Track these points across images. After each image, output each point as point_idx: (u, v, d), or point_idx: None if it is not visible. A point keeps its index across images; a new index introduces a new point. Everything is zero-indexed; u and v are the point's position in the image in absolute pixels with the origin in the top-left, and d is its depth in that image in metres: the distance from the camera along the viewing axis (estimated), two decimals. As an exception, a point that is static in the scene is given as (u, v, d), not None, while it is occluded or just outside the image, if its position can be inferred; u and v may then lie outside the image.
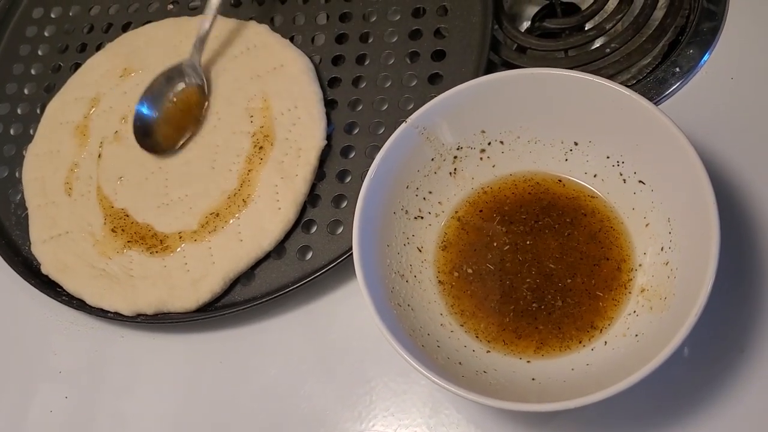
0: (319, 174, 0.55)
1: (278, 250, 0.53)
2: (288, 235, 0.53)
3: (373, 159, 0.45)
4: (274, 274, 0.53)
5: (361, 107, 0.56)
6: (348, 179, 0.54)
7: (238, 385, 0.51)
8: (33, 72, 0.67)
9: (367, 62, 0.57)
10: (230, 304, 0.53)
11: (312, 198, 0.54)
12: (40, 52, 0.68)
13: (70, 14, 0.69)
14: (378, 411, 0.48)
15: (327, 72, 0.58)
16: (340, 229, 0.53)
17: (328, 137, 0.55)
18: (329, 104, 0.56)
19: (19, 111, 0.66)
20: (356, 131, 0.55)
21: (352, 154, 0.55)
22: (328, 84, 0.57)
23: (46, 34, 0.69)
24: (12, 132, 0.65)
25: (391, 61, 0.57)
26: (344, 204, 0.53)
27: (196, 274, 0.52)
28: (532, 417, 0.46)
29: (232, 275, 0.52)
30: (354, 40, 0.58)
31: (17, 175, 0.62)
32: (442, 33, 0.56)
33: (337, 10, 0.60)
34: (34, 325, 0.58)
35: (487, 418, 0.47)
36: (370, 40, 0.58)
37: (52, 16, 0.69)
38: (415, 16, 0.57)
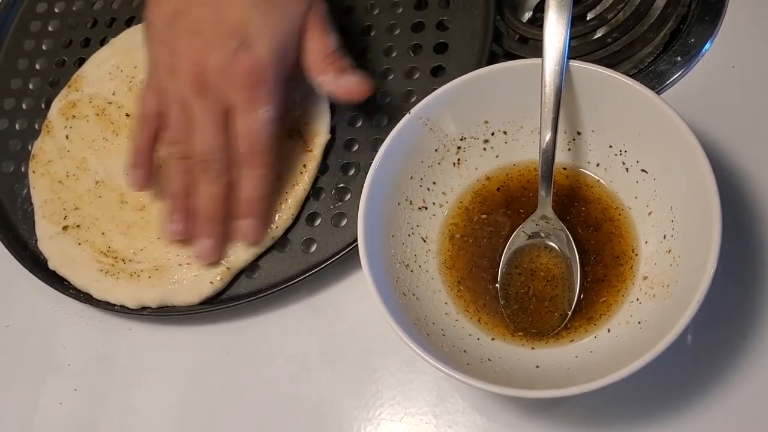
0: (323, 167, 0.55)
1: (283, 242, 0.53)
2: (292, 227, 0.54)
3: (377, 151, 0.46)
4: (278, 266, 0.53)
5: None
6: (351, 172, 0.55)
7: (245, 375, 0.52)
8: (37, 67, 0.67)
9: (369, 55, 0.57)
10: (235, 297, 0.53)
11: (315, 191, 0.54)
12: (44, 47, 0.68)
13: (74, 9, 0.69)
14: (384, 400, 0.49)
15: None
16: (344, 222, 0.53)
17: (332, 130, 0.55)
18: None
19: (24, 106, 0.66)
20: (359, 124, 0.55)
21: (356, 147, 0.55)
22: None
23: (50, 29, 0.69)
24: (17, 127, 0.65)
25: (394, 54, 0.57)
26: (348, 197, 0.54)
27: (199, 269, 0.53)
28: (536, 404, 0.46)
29: (233, 270, 0.53)
30: (356, 33, 0.58)
31: (23, 169, 0.62)
32: (444, 25, 0.56)
33: (340, 3, 0.60)
34: (43, 318, 0.58)
35: (491, 405, 0.47)
36: (373, 33, 0.58)
37: (56, 11, 0.69)
38: (418, 9, 0.57)
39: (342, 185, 0.54)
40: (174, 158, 0.51)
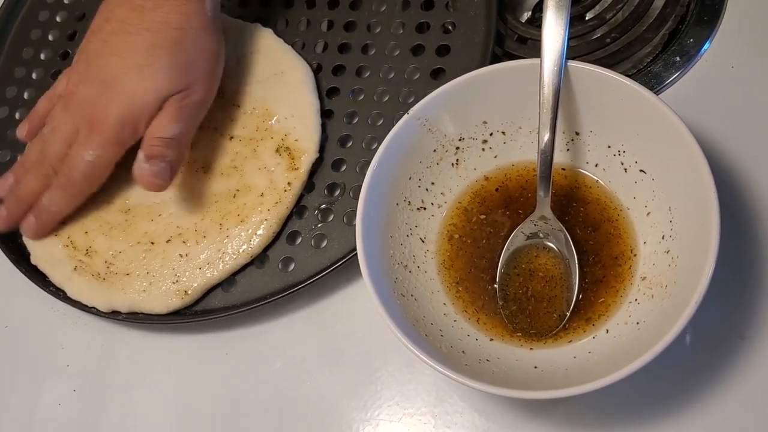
0: (308, 185, 0.54)
1: (261, 259, 0.53)
2: (272, 244, 0.53)
3: (365, 175, 0.45)
4: (256, 282, 0.53)
5: (357, 120, 0.55)
6: (337, 193, 0.54)
7: (244, 376, 0.52)
8: (42, 57, 0.67)
9: (366, 74, 0.57)
10: (209, 310, 0.53)
11: (299, 209, 0.54)
12: (50, 38, 0.68)
13: (83, 0, 0.68)
14: (383, 400, 0.49)
15: (326, 81, 0.57)
16: (324, 243, 0.52)
17: (321, 148, 0.55)
18: (325, 114, 0.56)
19: (25, 95, 0.66)
20: (350, 144, 0.55)
21: (343, 168, 0.54)
22: (326, 93, 0.57)
23: (57, 19, 0.68)
24: (17, 116, 0.65)
25: (391, 75, 0.56)
26: (330, 218, 0.53)
27: (170, 280, 0.53)
28: (534, 404, 0.46)
29: (204, 286, 0.53)
30: (356, 50, 0.58)
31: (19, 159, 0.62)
32: (443, 48, 0.55)
33: (342, 18, 0.59)
34: (42, 319, 0.58)
35: (490, 405, 0.47)
36: (372, 52, 0.57)
37: (65, 1, 0.69)
38: (419, 32, 0.57)
39: (325, 206, 0.53)
40: (34, 149, 0.57)
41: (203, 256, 0.53)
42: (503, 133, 0.49)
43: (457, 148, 0.49)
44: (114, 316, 0.54)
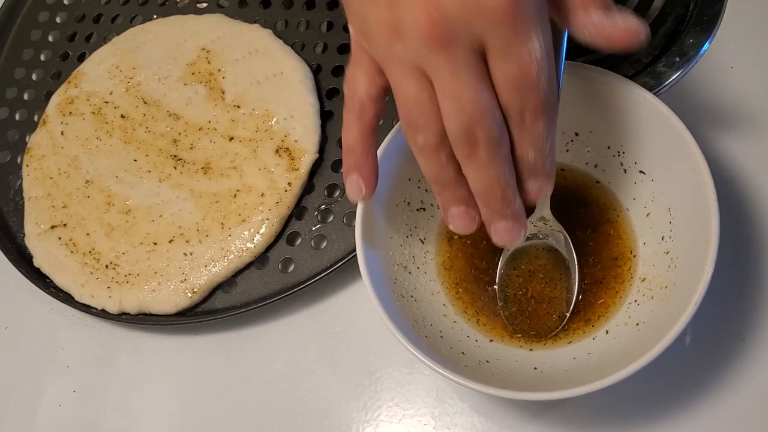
0: (308, 186, 0.54)
1: (261, 260, 0.53)
2: (272, 245, 0.53)
3: None
4: (255, 283, 0.53)
5: None
6: (336, 194, 0.54)
7: (244, 377, 0.52)
8: (42, 58, 0.67)
9: None
10: (210, 311, 0.53)
11: (299, 210, 0.54)
12: (50, 38, 0.68)
13: (83, 1, 0.69)
14: (383, 401, 0.49)
15: (326, 82, 0.57)
16: (324, 244, 0.52)
17: (321, 149, 0.55)
18: (325, 115, 0.56)
19: (25, 97, 0.66)
20: None
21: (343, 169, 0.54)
22: (326, 94, 0.57)
23: (57, 20, 0.69)
24: (17, 117, 0.65)
25: None
26: (330, 218, 0.53)
27: (177, 279, 0.53)
28: (534, 405, 0.46)
29: (210, 284, 0.53)
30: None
31: (19, 161, 0.62)
32: None
33: (341, 19, 0.59)
34: (42, 320, 0.58)
35: (490, 406, 0.47)
36: None
37: (65, 2, 0.69)
38: None
39: (325, 207, 0.53)
40: (426, 151, 0.38)
41: (208, 254, 0.53)
42: (503, 134, 0.49)
43: (457, 149, 0.49)
44: (119, 317, 0.54)
